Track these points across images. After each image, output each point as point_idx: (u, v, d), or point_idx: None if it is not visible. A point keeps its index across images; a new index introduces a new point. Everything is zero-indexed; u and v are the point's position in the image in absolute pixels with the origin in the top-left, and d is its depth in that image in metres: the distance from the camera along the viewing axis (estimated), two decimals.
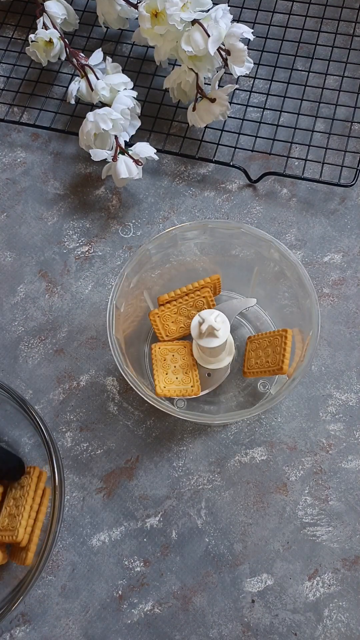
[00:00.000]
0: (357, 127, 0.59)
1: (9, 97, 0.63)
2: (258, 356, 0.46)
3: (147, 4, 0.53)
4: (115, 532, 0.48)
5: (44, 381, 0.52)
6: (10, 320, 0.55)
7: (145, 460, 0.50)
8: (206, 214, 0.57)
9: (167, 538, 0.48)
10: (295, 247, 0.55)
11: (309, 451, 0.49)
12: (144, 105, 0.60)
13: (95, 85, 0.56)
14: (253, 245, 0.46)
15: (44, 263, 0.56)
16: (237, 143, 0.59)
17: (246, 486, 0.48)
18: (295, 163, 0.58)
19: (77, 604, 0.47)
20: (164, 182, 0.59)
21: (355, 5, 0.63)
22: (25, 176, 0.60)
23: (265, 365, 0.45)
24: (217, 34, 0.51)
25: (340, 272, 0.54)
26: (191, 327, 0.45)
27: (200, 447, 0.50)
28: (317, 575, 0.46)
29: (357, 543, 0.47)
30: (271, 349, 0.45)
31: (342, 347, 0.52)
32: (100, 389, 0.52)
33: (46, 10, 0.58)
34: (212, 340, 0.44)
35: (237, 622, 0.45)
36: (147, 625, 0.46)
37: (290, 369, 0.44)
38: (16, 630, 0.46)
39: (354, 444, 0.49)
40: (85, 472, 0.50)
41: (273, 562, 0.46)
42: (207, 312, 0.44)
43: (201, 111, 0.55)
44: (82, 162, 0.60)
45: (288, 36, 0.62)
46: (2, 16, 0.67)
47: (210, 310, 0.44)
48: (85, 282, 0.55)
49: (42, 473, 0.47)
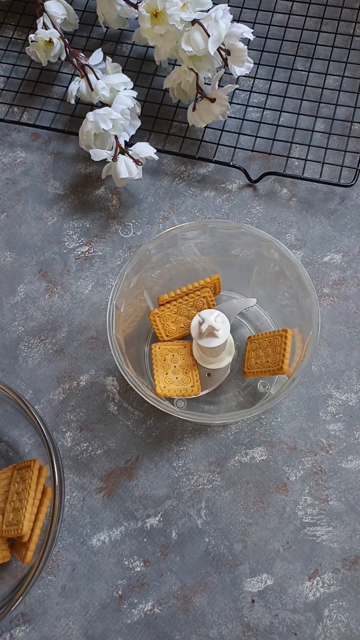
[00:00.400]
0: (357, 127, 0.59)
1: (9, 97, 0.63)
2: (258, 356, 0.46)
3: (147, 4, 0.53)
4: (115, 532, 0.48)
5: (44, 381, 0.52)
6: (10, 320, 0.55)
7: (145, 460, 0.50)
8: (206, 214, 0.57)
9: (167, 538, 0.48)
10: (295, 247, 0.55)
11: (309, 451, 0.49)
12: (144, 105, 0.60)
13: (95, 85, 0.56)
14: (253, 245, 0.46)
15: (44, 263, 0.56)
16: (237, 143, 0.59)
17: (246, 486, 0.48)
18: (295, 163, 0.58)
19: (77, 604, 0.47)
20: (164, 182, 0.59)
21: (355, 5, 0.63)
22: (25, 176, 0.60)
23: (265, 365, 0.45)
24: (217, 34, 0.51)
25: (340, 272, 0.54)
26: (191, 327, 0.45)
27: (200, 447, 0.50)
28: (317, 575, 0.46)
29: (357, 543, 0.47)
30: (271, 349, 0.45)
31: (342, 347, 0.52)
32: (100, 389, 0.52)
33: (46, 10, 0.58)
34: (212, 340, 0.44)
35: (237, 622, 0.45)
36: (147, 625, 0.46)
37: (290, 369, 0.44)
38: (16, 630, 0.46)
39: (354, 443, 0.49)
40: (85, 472, 0.50)
41: (273, 562, 0.46)
42: (207, 312, 0.44)
43: (201, 111, 0.55)
44: (82, 162, 0.60)
45: (288, 36, 0.62)
46: (2, 16, 0.67)
47: (210, 310, 0.44)
48: (85, 282, 0.55)
49: (43, 468, 0.47)
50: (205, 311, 0.44)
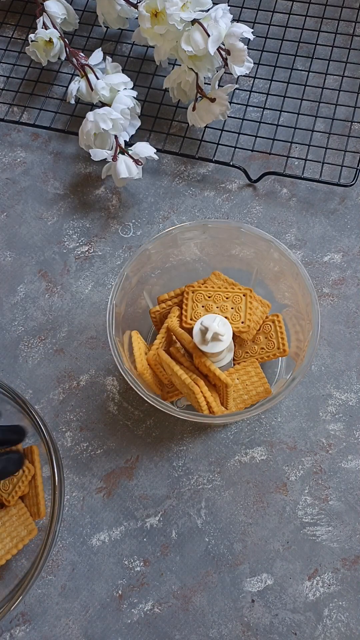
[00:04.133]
0: (357, 126, 0.59)
1: (8, 97, 0.63)
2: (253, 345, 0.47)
3: (147, 4, 0.52)
4: (115, 531, 0.48)
5: (44, 381, 0.52)
6: (10, 320, 0.55)
7: (145, 460, 0.50)
8: (206, 214, 0.57)
9: (167, 538, 0.48)
10: (295, 247, 0.55)
11: (309, 451, 0.49)
12: (144, 105, 0.60)
13: (95, 85, 0.56)
14: (253, 245, 0.46)
15: (44, 263, 0.56)
16: (237, 143, 0.59)
17: (246, 486, 0.48)
18: (295, 163, 0.58)
19: (77, 603, 0.47)
20: (164, 182, 0.59)
21: (355, 5, 0.63)
22: (25, 176, 0.60)
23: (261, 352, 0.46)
24: (217, 33, 0.51)
25: (340, 272, 0.54)
26: (193, 334, 0.43)
27: (200, 447, 0.50)
28: (317, 575, 0.46)
29: (357, 543, 0.47)
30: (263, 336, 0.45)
31: (342, 347, 0.52)
32: (100, 389, 0.52)
33: (46, 10, 0.58)
34: (217, 345, 0.43)
35: (237, 622, 0.45)
36: (147, 624, 0.46)
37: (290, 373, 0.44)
38: (16, 629, 0.46)
39: (354, 443, 0.49)
40: (85, 471, 0.50)
41: (273, 561, 0.46)
42: (208, 319, 0.43)
43: (201, 111, 0.55)
44: (82, 161, 0.60)
45: (288, 36, 0.62)
46: (2, 16, 0.67)
47: (211, 316, 0.43)
48: (85, 282, 0.55)
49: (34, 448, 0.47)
50: (206, 317, 0.43)
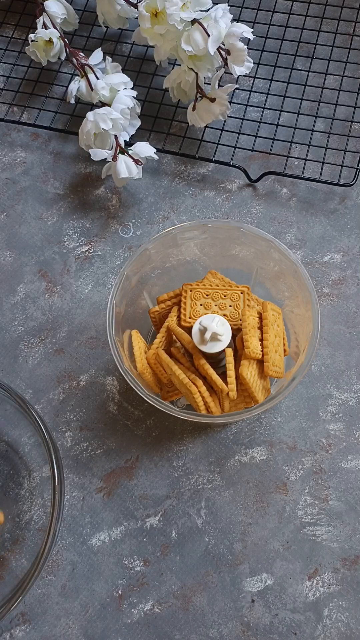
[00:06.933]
0: (357, 126, 0.59)
1: (8, 97, 0.63)
2: None
3: (147, 4, 0.52)
4: (115, 531, 0.48)
5: (44, 381, 0.52)
6: (10, 320, 0.55)
7: (145, 459, 0.50)
8: (206, 214, 0.57)
9: (167, 538, 0.48)
10: (295, 247, 0.55)
11: (309, 451, 0.49)
12: (143, 105, 0.60)
13: (95, 84, 0.56)
14: (253, 245, 0.46)
15: (44, 263, 0.56)
16: (237, 143, 0.59)
17: (246, 486, 0.48)
18: (295, 163, 0.58)
19: (77, 603, 0.47)
20: (164, 182, 0.59)
21: (355, 5, 0.63)
22: (25, 176, 0.60)
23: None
24: (217, 33, 0.51)
25: (340, 272, 0.54)
26: (192, 333, 0.43)
27: (200, 446, 0.50)
28: (317, 575, 0.46)
29: (357, 543, 0.47)
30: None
31: (342, 347, 0.52)
32: (100, 389, 0.52)
33: (46, 10, 0.58)
34: (216, 345, 0.43)
35: (237, 622, 0.45)
36: (147, 624, 0.46)
37: (289, 373, 0.44)
38: (16, 629, 0.46)
39: (354, 443, 0.49)
40: (85, 471, 0.50)
41: (273, 561, 0.47)
42: (207, 319, 0.42)
43: (201, 111, 0.55)
44: (82, 161, 0.60)
45: (288, 36, 0.62)
46: (2, 16, 0.67)
47: (210, 316, 0.43)
48: (85, 282, 0.55)
49: None
50: (205, 317, 0.43)
